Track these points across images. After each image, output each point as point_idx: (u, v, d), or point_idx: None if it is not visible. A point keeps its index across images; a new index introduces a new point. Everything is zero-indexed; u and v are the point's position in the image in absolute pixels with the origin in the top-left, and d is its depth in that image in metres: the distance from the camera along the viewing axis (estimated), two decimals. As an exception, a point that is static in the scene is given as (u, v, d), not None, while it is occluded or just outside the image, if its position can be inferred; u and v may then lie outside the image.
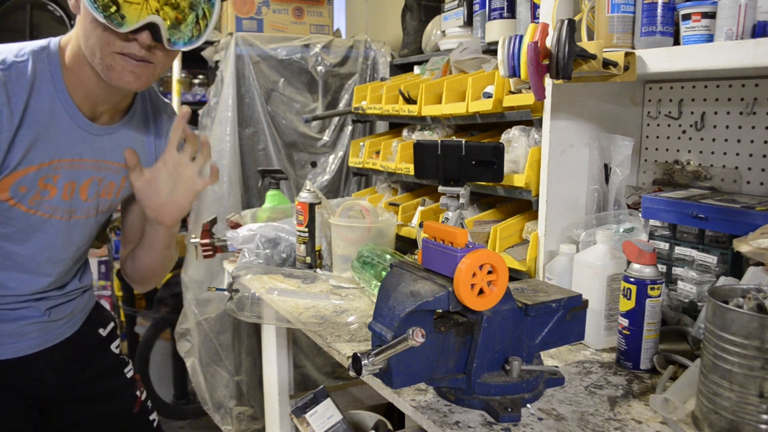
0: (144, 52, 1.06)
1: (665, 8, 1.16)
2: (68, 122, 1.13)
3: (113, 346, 1.45)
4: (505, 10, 1.84)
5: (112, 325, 1.46)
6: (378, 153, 2.16)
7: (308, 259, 1.80)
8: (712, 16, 1.10)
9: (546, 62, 1.14)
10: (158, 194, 1.20)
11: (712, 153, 1.43)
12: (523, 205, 1.66)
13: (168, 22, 1.05)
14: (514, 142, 1.55)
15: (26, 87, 1.07)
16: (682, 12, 1.15)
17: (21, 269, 1.20)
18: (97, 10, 0.99)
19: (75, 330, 1.34)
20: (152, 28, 1.03)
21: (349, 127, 2.70)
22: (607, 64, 1.14)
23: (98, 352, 1.40)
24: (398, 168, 1.94)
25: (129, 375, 1.45)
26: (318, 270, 1.79)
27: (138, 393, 1.46)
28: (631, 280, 1.10)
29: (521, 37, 1.19)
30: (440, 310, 1.00)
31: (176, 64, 2.63)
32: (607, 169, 1.44)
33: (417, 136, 1.99)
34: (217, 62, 2.55)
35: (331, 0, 2.75)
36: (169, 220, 1.23)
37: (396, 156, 1.98)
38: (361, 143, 2.25)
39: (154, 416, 1.49)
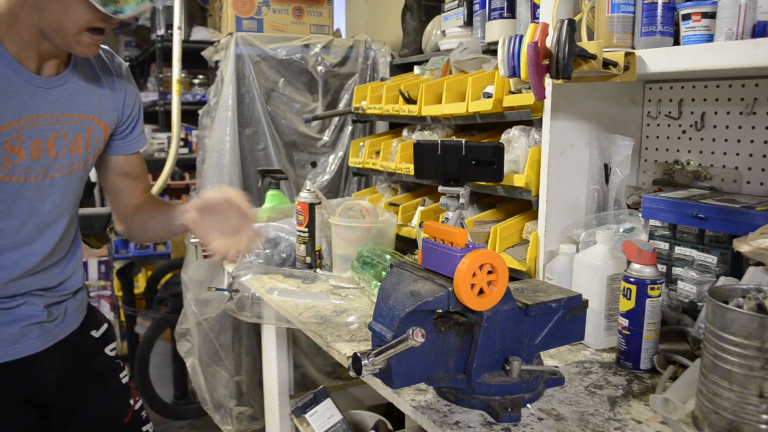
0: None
1: (665, 8, 1.16)
2: (15, 79, 1.11)
3: (108, 349, 1.43)
4: (505, 10, 1.84)
5: (105, 326, 1.45)
6: (378, 153, 2.16)
7: (308, 259, 1.80)
8: (712, 16, 1.10)
9: (546, 62, 1.14)
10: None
11: (712, 153, 1.43)
12: (523, 205, 1.66)
13: None
14: (514, 142, 1.55)
15: None
16: (682, 12, 1.15)
17: (13, 245, 1.19)
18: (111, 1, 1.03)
19: (70, 331, 1.34)
20: None
21: (349, 127, 2.70)
22: (607, 64, 1.14)
23: (92, 355, 1.39)
24: (398, 168, 1.94)
25: (124, 381, 1.44)
26: (318, 270, 1.79)
27: (132, 402, 1.43)
28: (631, 280, 1.10)
29: (521, 37, 1.19)
30: (440, 310, 1.00)
31: (176, 64, 2.63)
32: (607, 169, 1.44)
33: (417, 136, 1.99)
34: (217, 62, 2.55)
35: (331, 0, 2.75)
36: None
37: (396, 156, 1.98)
38: (361, 143, 2.25)
39: (147, 428, 1.46)
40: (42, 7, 1.05)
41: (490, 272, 0.96)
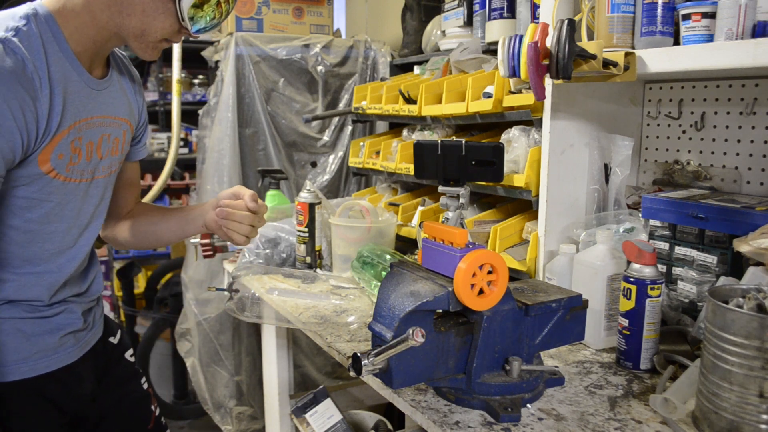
0: None
1: (665, 8, 1.16)
2: (78, 81, 1.12)
3: (127, 355, 1.43)
4: (505, 10, 1.84)
5: (120, 332, 1.44)
6: (378, 153, 2.16)
7: (308, 259, 1.80)
8: (712, 16, 1.10)
9: (546, 62, 1.14)
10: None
11: (712, 153, 1.43)
12: (523, 205, 1.66)
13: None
14: (514, 142, 1.55)
15: (41, 51, 1.05)
16: (682, 12, 1.15)
17: (60, 249, 1.19)
18: (189, 18, 1.10)
19: (97, 338, 1.33)
20: None
21: (349, 127, 2.70)
22: (607, 64, 1.14)
23: (114, 362, 1.38)
24: (398, 168, 1.94)
25: (145, 387, 1.43)
26: (318, 270, 1.79)
27: (153, 408, 1.43)
28: (631, 280, 1.10)
29: (521, 37, 1.19)
30: (440, 310, 1.00)
31: (176, 64, 2.63)
32: (607, 169, 1.44)
33: (417, 136, 1.99)
34: (217, 62, 2.55)
35: (331, 0, 2.75)
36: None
37: (396, 156, 1.98)
38: (361, 143, 2.25)
39: None
40: (128, 12, 1.08)
41: (490, 272, 0.96)
